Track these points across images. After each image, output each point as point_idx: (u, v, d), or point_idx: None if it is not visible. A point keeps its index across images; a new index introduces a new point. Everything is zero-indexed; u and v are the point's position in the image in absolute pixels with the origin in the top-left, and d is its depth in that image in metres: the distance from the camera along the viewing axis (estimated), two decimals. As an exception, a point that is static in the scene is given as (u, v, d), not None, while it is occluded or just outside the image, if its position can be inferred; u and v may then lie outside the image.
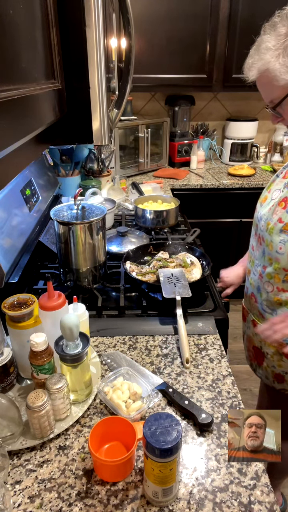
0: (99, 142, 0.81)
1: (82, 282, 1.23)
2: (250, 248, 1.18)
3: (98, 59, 0.73)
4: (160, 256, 1.37)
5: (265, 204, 1.08)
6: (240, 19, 2.34)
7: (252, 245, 1.15)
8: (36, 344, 0.77)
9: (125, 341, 1.06)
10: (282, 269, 1.00)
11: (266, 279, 1.06)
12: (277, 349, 1.08)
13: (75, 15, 0.70)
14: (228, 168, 2.75)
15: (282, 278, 1.01)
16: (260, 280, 1.09)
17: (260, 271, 1.08)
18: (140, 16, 2.28)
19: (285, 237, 0.97)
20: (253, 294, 1.13)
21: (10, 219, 1.18)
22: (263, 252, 1.06)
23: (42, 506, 0.66)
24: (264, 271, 1.06)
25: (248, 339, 1.24)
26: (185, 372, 0.95)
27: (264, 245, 1.05)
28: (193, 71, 2.47)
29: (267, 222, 1.03)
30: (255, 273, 1.11)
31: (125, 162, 2.59)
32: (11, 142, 0.45)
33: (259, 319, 1.14)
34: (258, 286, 1.10)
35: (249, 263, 1.17)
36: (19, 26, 0.49)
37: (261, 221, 1.07)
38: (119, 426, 0.73)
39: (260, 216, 1.08)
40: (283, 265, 0.99)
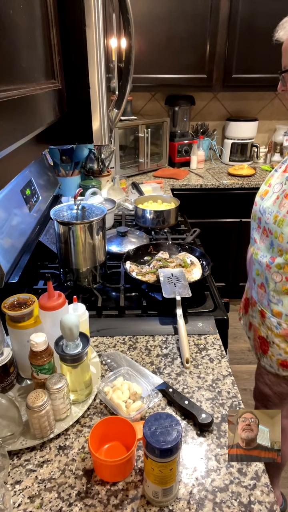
0: (99, 142, 0.81)
1: (82, 282, 1.23)
2: (252, 241, 1.20)
3: (98, 59, 0.73)
4: (160, 256, 1.37)
5: (266, 197, 1.11)
6: (240, 19, 2.34)
7: (254, 238, 1.17)
8: (36, 344, 0.77)
9: (125, 341, 1.06)
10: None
11: (275, 270, 1.09)
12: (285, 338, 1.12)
13: (75, 15, 0.70)
14: (228, 168, 2.75)
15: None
16: (267, 271, 1.11)
17: (268, 262, 1.11)
18: (140, 16, 2.28)
19: None
20: (263, 284, 1.16)
21: (10, 219, 1.18)
22: (271, 244, 1.09)
23: (42, 506, 0.66)
24: (272, 262, 1.09)
25: (254, 329, 1.26)
26: (185, 372, 0.95)
27: (273, 237, 1.07)
28: (193, 71, 2.48)
29: (273, 215, 1.06)
30: (261, 264, 1.14)
31: (125, 162, 2.59)
32: (11, 142, 0.45)
33: (266, 309, 1.16)
34: (266, 277, 1.13)
35: (252, 255, 1.19)
36: (19, 26, 0.49)
37: (265, 214, 1.09)
38: (119, 426, 0.73)
39: (264, 209, 1.10)
40: None
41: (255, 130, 2.83)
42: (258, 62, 2.44)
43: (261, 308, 1.19)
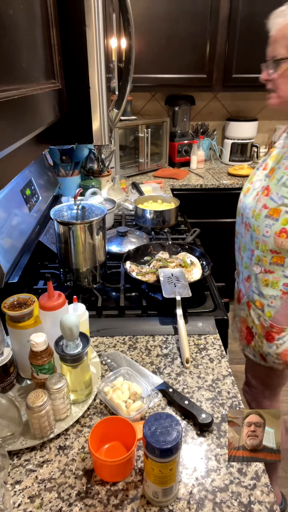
0: (99, 142, 0.81)
1: (82, 282, 1.23)
2: (238, 236, 1.28)
3: (98, 59, 0.73)
4: (160, 256, 1.37)
5: (248, 194, 1.19)
6: (240, 19, 2.34)
7: (240, 233, 1.26)
8: (36, 344, 0.77)
9: (125, 341, 1.06)
10: (269, 251, 1.11)
11: (255, 261, 1.17)
12: (262, 331, 1.21)
13: (75, 15, 0.70)
14: (228, 168, 2.75)
15: (269, 260, 1.12)
16: (250, 263, 1.20)
17: (249, 254, 1.20)
18: (140, 16, 2.28)
19: (270, 222, 1.08)
20: (249, 276, 1.23)
21: (10, 219, 1.18)
22: (251, 237, 1.17)
23: (42, 506, 0.66)
24: (252, 255, 1.18)
25: (242, 321, 1.33)
26: (185, 372, 0.95)
27: (251, 230, 1.16)
28: (193, 71, 2.47)
29: (252, 209, 1.15)
30: (248, 256, 1.21)
31: (125, 162, 2.59)
32: (11, 142, 0.45)
33: (252, 301, 1.23)
34: (253, 269, 1.20)
35: (239, 250, 1.28)
36: (19, 26, 0.49)
37: (246, 210, 1.19)
38: (119, 426, 0.73)
39: (245, 205, 1.19)
40: (270, 247, 1.10)
41: (255, 130, 2.83)
42: (258, 62, 2.40)
43: (247, 300, 1.26)
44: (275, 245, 1.08)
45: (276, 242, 1.08)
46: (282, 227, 1.06)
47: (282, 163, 1.08)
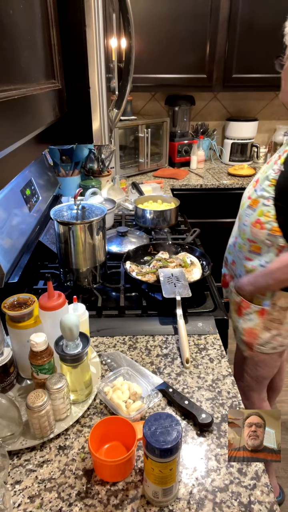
0: (99, 142, 0.81)
1: (82, 282, 1.23)
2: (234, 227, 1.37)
3: (98, 59, 0.73)
4: (160, 256, 1.37)
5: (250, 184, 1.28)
6: (240, 19, 2.34)
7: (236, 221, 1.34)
8: (36, 344, 0.77)
9: (125, 341, 1.06)
10: (247, 240, 1.18)
11: (238, 248, 1.26)
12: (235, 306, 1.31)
13: (75, 15, 0.70)
14: (228, 168, 2.75)
15: (247, 248, 1.20)
16: (233, 249, 1.31)
17: (233, 241, 1.30)
18: (140, 16, 2.28)
19: (249, 211, 1.16)
20: (234, 261, 1.31)
21: (10, 219, 1.18)
22: (238, 225, 1.26)
23: (42, 506, 0.66)
24: (235, 242, 1.27)
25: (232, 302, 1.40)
26: (185, 372, 0.95)
27: (237, 219, 1.26)
28: (193, 71, 2.47)
29: (242, 202, 1.24)
30: (233, 243, 1.31)
31: (125, 162, 2.59)
32: (11, 142, 0.45)
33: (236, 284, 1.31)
34: (236, 255, 1.28)
35: (230, 236, 1.38)
36: (19, 26, 0.49)
37: (243, 199, 1.27)
38: (119, 426, 0.73)
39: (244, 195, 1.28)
40: (247, 236, 1.17)
41: (255, 130, 2.83)
42: (258, 62, 2.43)
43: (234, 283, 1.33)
44: (251, 235, 1.15)
45: (251, 232, 1.15)
46: (257, 218, 1.12)
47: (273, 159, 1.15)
